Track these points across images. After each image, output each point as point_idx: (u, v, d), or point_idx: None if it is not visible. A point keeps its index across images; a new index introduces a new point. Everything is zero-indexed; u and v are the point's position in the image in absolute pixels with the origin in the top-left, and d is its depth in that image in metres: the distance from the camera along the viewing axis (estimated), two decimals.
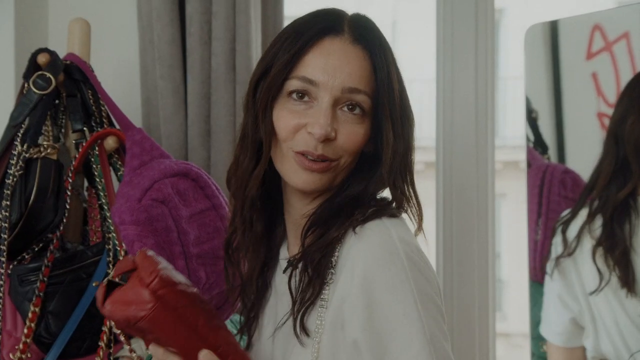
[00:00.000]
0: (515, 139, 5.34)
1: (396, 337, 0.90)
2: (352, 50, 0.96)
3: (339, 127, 0.96)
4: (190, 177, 1.35)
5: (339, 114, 0.96)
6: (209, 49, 1.62)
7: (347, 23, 0.98)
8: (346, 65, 0.96)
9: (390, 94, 0.97)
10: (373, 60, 0.96)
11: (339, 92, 0.95)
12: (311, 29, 0.97)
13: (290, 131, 0.97)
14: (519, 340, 5.15)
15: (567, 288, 1.56)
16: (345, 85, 0.95)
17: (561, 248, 1.55)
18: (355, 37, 0.97)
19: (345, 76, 0.95)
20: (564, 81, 1.63)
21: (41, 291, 1.29)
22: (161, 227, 1.27)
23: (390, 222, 0.97)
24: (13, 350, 1.27)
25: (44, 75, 1.37)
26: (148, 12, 1.66)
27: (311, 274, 0.97)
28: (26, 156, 1.32)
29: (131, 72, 1.75)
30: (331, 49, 0.96)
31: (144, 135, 1.39)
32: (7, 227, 1.28)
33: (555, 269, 1.56)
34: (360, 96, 0.96)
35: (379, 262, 0.92)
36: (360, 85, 0.96)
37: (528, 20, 2.80)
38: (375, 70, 0.96)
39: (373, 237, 0.94)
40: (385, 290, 0.91)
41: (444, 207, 1.74)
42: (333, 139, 0.96)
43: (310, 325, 0.97)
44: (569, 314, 1.56)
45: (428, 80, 6.15)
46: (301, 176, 0.97)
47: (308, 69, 0.96)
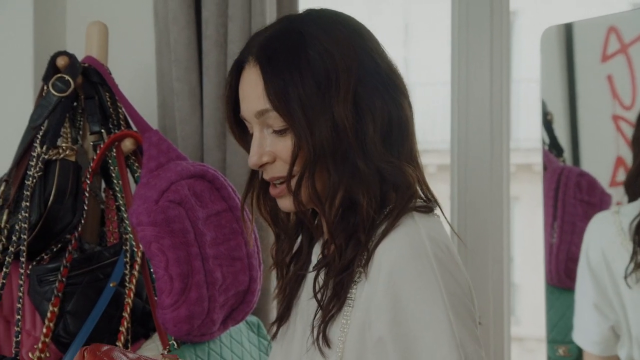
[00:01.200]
0: (529, 141, 5.32)
1: (423, 340, 0.89)
2: (252, 72, 0.97)
3: (274, 147, 0.98)
4: (206, 178, 1.36)
5: (267, 136, 0.98)
6: (225, 52, 1.63)
7: (255, 46, 0.98)
8: (248, 92, 0.98)
9: (284, 102, 0.95)
10: (263, 76, 0.96)
11: (256, 119, 0.98)
12: (234, 67, 1.01)
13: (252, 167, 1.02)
14: (532, 345, 5.13)
15: (602, 296, 1.54)
16: (253, 110, 0.97)
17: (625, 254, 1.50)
18: (254, 59, 0.97)
19: (251, 103, 0.98)
20: (579, 83, 1.63)
21: (60, 291, 1.30)
22: (178, 228, 1.28)
23: (420, 219, 0.96)
24: (32, 349, 1.28)
25: (63, 78, 1.39)
26: (164, 15, 1.68)
27: (336, 288, 0.96)
28: (45, 158, 1.34)
29: (147, 75, 1.77)
30: (243, 82, 0.99)
31: (160, 137, 1.40)
32: (26, 227, 1.29)
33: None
34: (269, 114, 0.96)
35: (405, 261, 0.91)
36: (261, 105, 0.96)
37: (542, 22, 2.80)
38: (266, 85, 0.96)
39: (401, 235, 0.93)
40: (411, 290, 0.90)
41: (458, 210, 1.74)
42: (272, 161, 0.99)
43: (335, 327, 0.96)
44: (608, 322, 1.54)
45: (441, 83, 6.15)
46: (279, 203, 1.02)
47: (241, 107, 1.01)
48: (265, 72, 0.96)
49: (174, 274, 1.26)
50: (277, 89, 0.95)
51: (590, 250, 1.55)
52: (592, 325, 1.56)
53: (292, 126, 0.95)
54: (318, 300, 0.98)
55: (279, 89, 0.95)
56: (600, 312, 1.54)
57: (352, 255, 0.95)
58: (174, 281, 1.26)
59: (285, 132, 0.97)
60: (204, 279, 1.29)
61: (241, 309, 1.38)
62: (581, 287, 1.57)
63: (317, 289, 0.98)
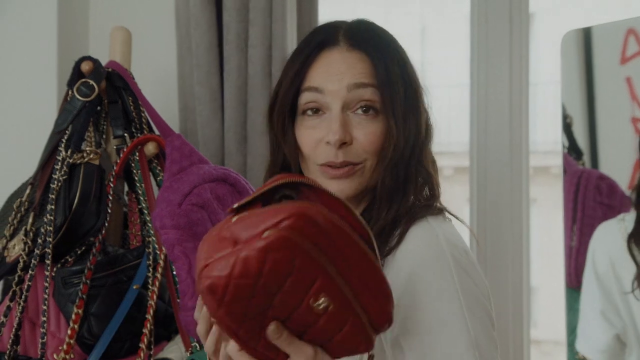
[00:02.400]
0: (546, 144, 5.29)
1: (439, 338, 0.90)
2: (350, 55, 1.01)
3: (354, 131, 0.99)
4: (228, 182, 1.37)
5: (352, 117, 0.99)
6: (246, 56, 1.65)
7: (342, 33, 1.02)
8: (347, 69, 1.00)
9: (392, 89, 0.99)
10: (372, 60, 1.00)
11: (346, 92, 0.99)
12: (308, 46, 1.03)
13: (311, 147, 1.00)
14: (549, 348, 5.10)
15: (609, 304, 1.53)
16: (350, 82, 0.99)
17: (632, 266, 1.51)
18: (350, 44, 1.01)
19: (348, 76, 0.99)
20: (598, 86, 1.62)
21: (84, 293, 1.31)
22: (201, 232, 1.29)
23: (436, 222, 0.98)
24: (57, 350, 1.30)
25: (87, 83, 1.40)
26: (186, 20, 1.70)
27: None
28: (70, 161, 1.36)
29: (169, 79, 1.79)
30: (330, 59, 1.01)
31: (183, 141, 1.41)
32: (52, 230, 1.31)
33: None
34: (368, 90, 0.99)
35: (424, 263, 0.93)
36: (365, 79, 0.99)
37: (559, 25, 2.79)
38: (375, 67, 0.99)
39: (419, 238, 0.95)
40: (430, 291, 0.91)
41: (477, 212, 1.74)
42: (350, 143, 0.99)
43: None
44: (613, 330, 1.53)
45: (457, 85, 6.13)
46: (331, 186, 0.99)
47: (313, 79, 1.01)
48: (371, 55, 1.00)
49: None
50: (385, 74, 0.99)
51: (597, 257, 1.55)
52: (598, 333, 1.55)
53: (389, 116, 0.98)
54: None
55: (387, 75, 0.99)
56: (607, 319, 1.53)
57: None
58: (196, 284, 1.27)
59: (376, 117, 0.99)
60: None
61: None
62: (587, 294, 1.56)
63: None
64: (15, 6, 1.75)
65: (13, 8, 1.75)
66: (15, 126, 1.74)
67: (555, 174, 5.68)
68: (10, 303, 1.31)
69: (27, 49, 1.74)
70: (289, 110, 1.02)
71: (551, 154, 5.23)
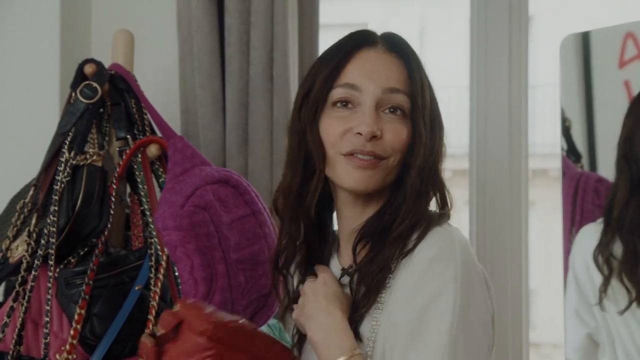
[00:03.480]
0: (544, 147, 5.30)
1: (420, 341, 0.94)
2: (387, 57, 1.04)
3: (384, 127, 1.02)
4: (230, 184, 1.38)
5: (381, 115, 1.02)
6: (247, 59, 1.66)
7: (379, 37, 1.07)
8: (383, 69, 1.03)
9: (423, 97, 1.03)
10: (407, 66, 1.04)
11: (380, 93, 1.02)
12: (347, 44, 1.06)
13: (338, 136, 1.03)
14: (548, 350, 5.10)
15: (583, 303, 1.55)
16: (385, 86, 1.02)
17: (599, 276, 1.54)
18: (388, 47, 1.05)
19: (384, 78, 1.02)
20: (596, 90, 1.64)
21: (87, 294, 1.32)
22: (203, 233, 1.30)
23: (450, 229, 1.02)
24: (59, 351, 1.31)
25: (91, 85, 1.42)
26: (188, 23, 1.71)
27: (368, 288, 1.01)
28: (73, 163, 1.36)
29: (170, 81, 1.80)
30: (368, 58, 1.04)
31: (185, 143, 1.42)
32: (55, 231, 1.32)
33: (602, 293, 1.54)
34: (400, 96, 1.02)
35: (435, 259, 0.96)
36: (399, 85, 1.02)
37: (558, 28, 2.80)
38: (409, 75, 1.03)
39: (434, 240, 0.99)
40: (429, 294, 0.95)
41: (477, 214, 1.75)
42: (379, 137, 1.01)
43: (365, 328, 1.01)
44: (585, 329, 1.55)
45: (456, 87, 6.14)
46: (353, 175, 1.02)
47: (349, 76, 1.03)
48: (407, 62, 1.04)
49: (199, 277, 1.28)
50: (419, 83, 1.03)
51: (575, 258, 1.57)
52: (573, 332, 1.58)
53: (418, 120, 1.02)
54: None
55: (421, 84, 1.03)
56: (580, 318, 1.56)
57: (392, 253, 1.01)
58: (198, 285, 1.28)
59: (404, 118, 1.03)
60: (228, 282, 1.31)
61: (263, 313, 1.40)
62: (568, 294, 1.58)
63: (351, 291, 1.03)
64: (18, 9, 1.76)
65: (16, 11, 1.76)
66: (17, 128, 1.75)
67: (553, 177, 5.70)
68: (13, 303, 1.32)
69: (29, 52, 1.76)
70: (321, 103, 1.05)
71: (549, 156, 5.24)
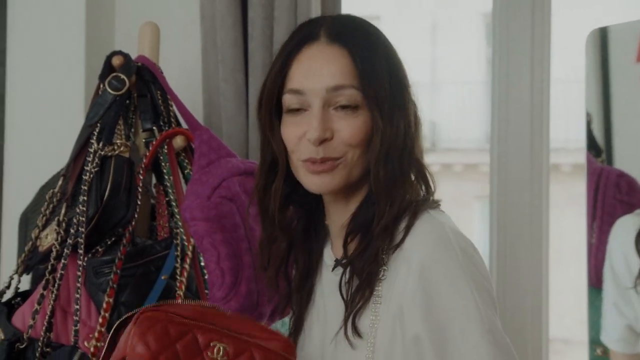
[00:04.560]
0: (557, 142, 5.30)
1: (455, 327, 0.93)
2: (330, 51, 1.01)
3: (335, 126, 1.00)
4: None
5: (332, 113, 1.00)
6: (271, 53, 1.67)
7: (323, 28, 1.03)
8: (325, 66, 1.00)
9: (374, 84, 0.99)
10: (352, 55, 1.00)
11: (325, 93, 0.99)
12: (291, 42, 1.04)
13: (294, 142, 1.02)
14: (559, 346, 5.10)
15: (621, 295, 1.56)
16: (329, 84, 0.99)
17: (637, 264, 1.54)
18: (330, 38, 1.01)
19: (327, 77, 1.00)
20: (613, 84, 1.64)
21: (115, 283, 1.34)
22: (229, 224, 1.32)
23: (438, 214, 1.01)
24: (87, 338, 1.33)
25: (119, 77, 1.43)
26: (211, 16, 1.72)
27: (361, 281, 1.00)
28: (101, 154, 1.38)
29: (193, 74, 1.81)
30: (310, 55, 1.01)
31: (211, 135, 1.44)
32: (84, 221, 1.33)
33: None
34: (347, 91, 0.99)
35: (434, 255, 0.95)
36: (344, 80, 1.00)
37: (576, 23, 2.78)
38: (355, 66, 1.00)
39: (426, 230, 0.98)
40: (442, 281, 0.94)
41: (497, 210, 1.76)
42: (330, 139, 1.00)
43: (364, 323, 1.00)
44: (624, 320, 1.56)
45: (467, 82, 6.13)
46: (313, 180, 1.02)
47: (293, 80, 1.02)
48: (352, 51, 1.00)
49: (225, 268, 1.30)
50: (369, 70, 0.99)
51: (612, 250, 1.58)
52: (612, 323, 1.59)
53: (373, 110, 0.99)
54: (344, 296, 1.02)
55: (371, 71, 0.99)
56: (619, 310, 1.57)
57: (381, 245, 0.99)
58: (225, 275, 1.30)
59: (357, 111, 1.00)
60: (254, 273, 1.32)
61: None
62: (606, 287, 1.59)
63: (343, 285, 1.02)
64: (44, 2, 1.78)
65: (42, 4, 1.78)
66: (44, 119, 1.77)
67: (566, 172, 5.69)
68: (43, 291, 1.34)
69: (55, 44, 1.77)
70: (275, 107, 1.04)
71: (562, 151, 5.24)
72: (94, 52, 1.73)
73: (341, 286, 1.02)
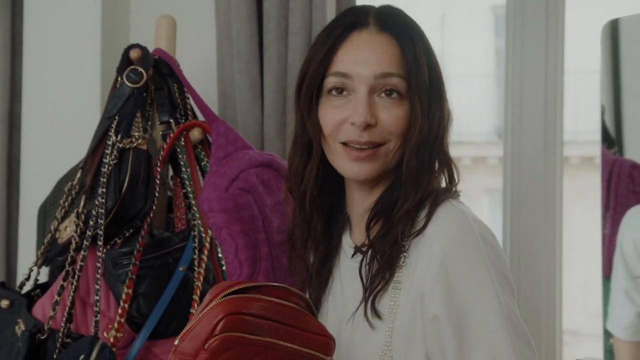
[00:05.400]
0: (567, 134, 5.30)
1: (475, 312, 0.95)
2: (379, 39, 1.03)
3: (379, 113, 1.02)
4: (273, 167, 1.40)
5: (377, 100, 1.02)
6: (286, 45, 1.67)
7: (371, 15, 1.05)
8: (375, 53, 1.02)
9: (418, 75, 1.02)
10: (400, 44, 1.03)
11: (373, 80, 1.02)
12: (338, 27, 1.05)
13: (334, 125, 1.04)
14: (567, 338, 5.11)
15: (632, 283, 1.57)
16: (377, 72, 1.02)
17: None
18: (380, 26, 1.04)
19: (376, 63, 1.02)
20: (624, 76, 1.65)
21: (134, 274, 1.35)
22: (247, 215, 1.33)
23: (458, 204, 1.03)
24: (107, 329, 1.34)
25: (136, 70, 1.44)
26: (226, 9, 1.72)
27: (381, 263, 1.02)
28: (120, 146, 1.39)
29: (208, 66, 1.82)
30: (359, 42, 1.03)
31: (228, 127, 1.45)
32: (103, 213, 1.35)
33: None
34: (394, 79, 1.02)
35: (456, 242, 0.97)
36: (392, 69, 1.02)
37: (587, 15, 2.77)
38: (403, 55, 1.02)
39: (448, 218, 1.00)
40: (463, 268, 0.96)
41: (511, 203, 1.76)
42: (374, 125, 1.02)
43: (383, 307, 1.01)
44: (635, 308, 1.57)
45: (476, 75, 6.12)
46: (352, 168, 1.04)
47: (341, 64, 1.03)
48: (400, 42, 1.02)
49: (243, 258, 1.31)
50: (414, 62, 1.02)
51: (624, 239, 1.59)
52: (621, 311, 1.60)
53: (414, 100, 1.01)
54: (363, 279, 1.04)
55: (415, 63, 1.02)
56: (629, 297, 1.58)
57: (402, 229, 1.01)
58: (243, 266, 1.31)
59: (400, 100, 1.02)
60: (271, 264, 1.33)
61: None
62: (615, 274, 1.60)
63: (363, 268, 1.04)
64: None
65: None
66: (60, 112, 1.77)
67: (574, 165, 5.68)
68: (63, 282, 1.35)
69: (72, 37, 1.78)
70: (316, 90, 1.06)
71: (571, 144, 5.23)
72: (110, 45, 1.74)
73: (361, 270, 1.04)
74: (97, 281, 1.33)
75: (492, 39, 5.88)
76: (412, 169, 1.02)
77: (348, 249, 1.11)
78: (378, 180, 1.07)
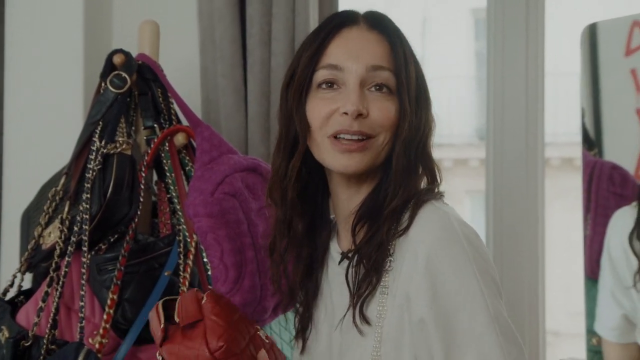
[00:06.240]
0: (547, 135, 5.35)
1: (461, 314, 0.94)
2: (369, 35, 1.04)
3: (370, 105, 1.02)
4: (258, 171, 1.41)
5: (367, 94, 1.02)
6: (269, 49, 1.68)
7: (361, 16, 1.07)
8: (366, 47, 1.03)
9: (408, 73, 1.03)
10: (390, 42, 1.04)
11: (364, 72, 1.02)
12: (328, 24, 1.06)
13: (323, 117, 1.03)
14: (550, 338, 5.16)
15: (619, 285, 1.59)
16: (368, 64, 1.02)
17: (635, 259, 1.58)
18: (370, 25, 1.05)
19: (367, 56, 1.02)
20: (602, 78, 1.67)
21: (119, 279, 1.35)
22: (233, 220, 1.33)
23: (441, 205, 1.03)
24: (92, 335, 1.33)
25: (120, 75, 1.44)
26: (209, 13, 1.73)
27: (368, 268, 1.01)
28: (104, 152, 1.39)
29: (191, 71, 1.82)
30: (350, 36, 1.04)
31: (212, 132, 1.45)
32: (87, 218, 1.34)
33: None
34: (384, 73, 1.02)
35: (441, 244, 0.97)
36: (383, 62, 1.03)
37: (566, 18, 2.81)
38: (393, 51, 1.03)
39: (432, 219, 0.99)
40: (448, 270, 0.95)
41: (494, 204, 1.78)
42: (366, 116, 1.01)
43: (371, 313, 1.01)
44: (621, 310, 1.59)
45: (457, 77, 6.16)
46: (341, 160, 1.02)
47: (332, 56, 1.03)
48: (390, 40, 1.04)
49: (229, 263, 1.31)
50: (403, 60, 1.03)
51: (611, 242, 1.61)
52: (608, 312, 1.61)
53: (404, 97, 1.02)
54: (350, 284, 1.03)
55: (404, 61, 1.03)
56: (616, 299, 1.60)
57: (388, 228, 1.01)
58: (228, 270, 1.31)
59: (390, 95, 1.03)
60: (257, 268, 1.33)
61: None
62: (602, 276, 1.62)
63: (350, 273, 1.03)
64: (42, 1, 1.78)
65: (40, 3, 1.78)
66: (43, 118, 1.77)
67: (554, 166, 5.73)
68: (47, 289, 1.35)
69: (54, 43, 1.77)
70: (306, 85, 1.05)
71: (551, 145, 5.28)
72: (93, 50, 1.74)
73: (347, 275, 1.04)
74: (82, 287, 1.33)
75: (472, 42, 5.92)
76: (401, 165, 1.02)
77: (336, 255, 1.10)
78: (364, 178, 1.06)
